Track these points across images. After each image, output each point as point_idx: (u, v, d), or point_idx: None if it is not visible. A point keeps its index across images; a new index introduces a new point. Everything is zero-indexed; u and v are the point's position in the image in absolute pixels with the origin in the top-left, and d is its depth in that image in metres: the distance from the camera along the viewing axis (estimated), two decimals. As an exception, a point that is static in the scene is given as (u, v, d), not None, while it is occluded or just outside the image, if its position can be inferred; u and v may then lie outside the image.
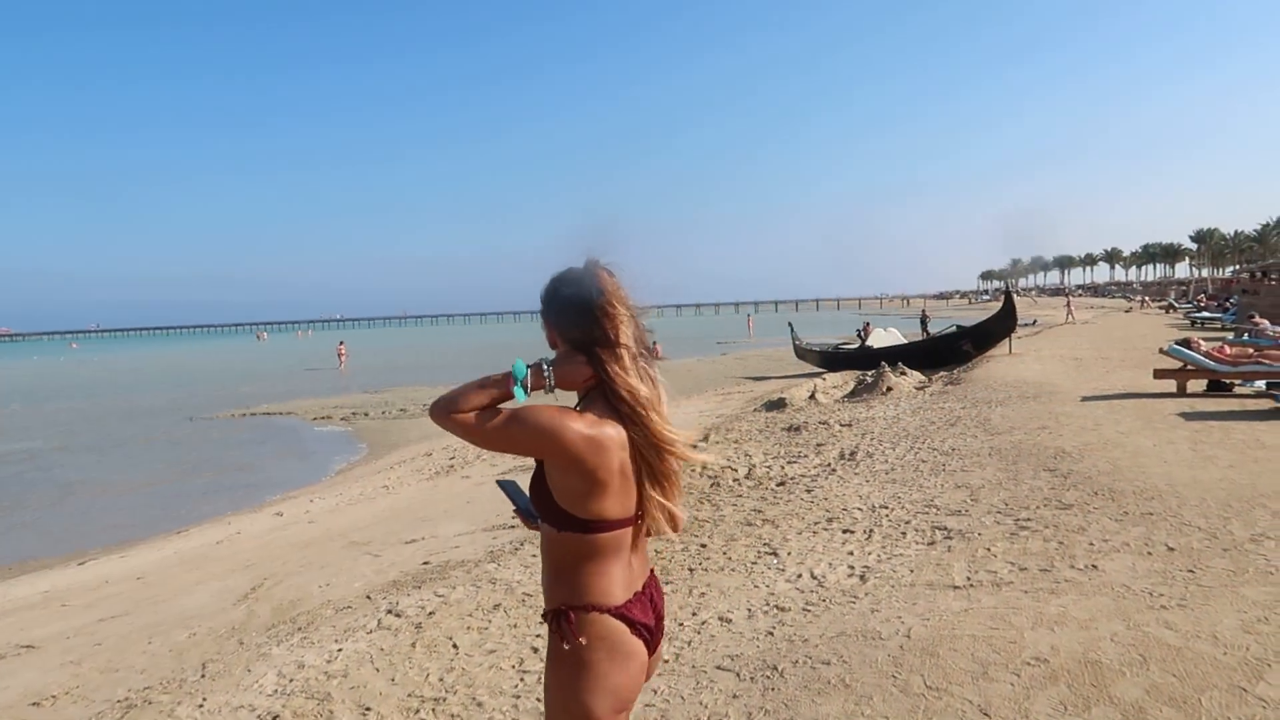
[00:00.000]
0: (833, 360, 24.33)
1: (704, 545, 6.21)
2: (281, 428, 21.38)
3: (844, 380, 18.07)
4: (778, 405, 14.79)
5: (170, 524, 11.67)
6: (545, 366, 1.91)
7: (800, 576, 5.30)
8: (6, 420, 25.85)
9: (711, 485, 8.32)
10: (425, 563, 6.80)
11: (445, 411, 1.85)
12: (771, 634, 4.30)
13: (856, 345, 26.62)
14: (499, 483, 2.21)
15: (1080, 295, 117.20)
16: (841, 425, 11.34)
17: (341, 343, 45.99)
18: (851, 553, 5.71)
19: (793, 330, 29.07)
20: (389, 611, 5.31)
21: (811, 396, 15.64)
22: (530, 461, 1.95)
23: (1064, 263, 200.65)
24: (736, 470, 8.93)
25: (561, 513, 1.87)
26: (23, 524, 12.45)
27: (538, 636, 4.65)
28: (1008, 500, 6.52)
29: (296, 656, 4.71)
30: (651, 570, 2.06)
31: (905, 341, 24.95)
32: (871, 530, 6.19)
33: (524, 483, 2.09)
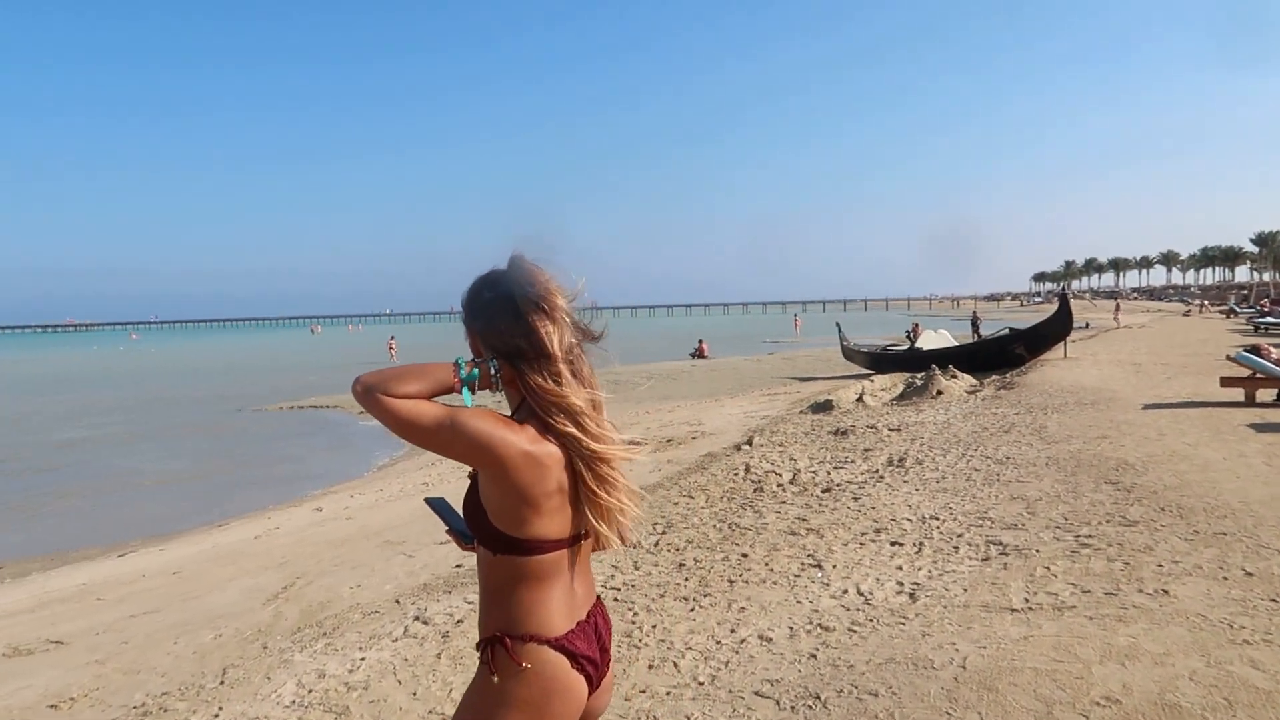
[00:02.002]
0: (881, 362, 23.85)
1: (745, 555, 5.95)
2: (328, 421, 21.48)
3: (892, 382, 17.64)
4: (824, 407, 14.45)
5: (211, 516, 11.70)
6: (493, 366, 1.72)
7: (846, 592, 5.02)
8: (62, 409, 26.37)
9: (755, 490, 8.06)
10: (458, 565, 6.63)
11: (372, 391, 1.63)
12: (814, 657, 4.04)
13: (905, 347, 26.08)
14: (427, 500, 2.00)
15: (1134, 299, 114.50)
16: (890, 430, 10.99)
17: (392, 337, 46.36)
18: (900, 567, 5.42)
19: (840, 330, 28.58)
20: (416, 618, 5.14)
21: (859, 399, 15.26)
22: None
23: (1119, 265, 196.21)
24: (780, 475, 8.65)
25: (497, 533, 1.68)
26: (69, 513, 12.58)
27: (567, 650, 4.44)
28: (1067, 514, 6.17)
29: (319, 664, 4.55)
30: (598, 597, 1.86)
31: (956, 344, 24.37)
32: (921, 543, 5.89)
33: (456, 500, 1.89)
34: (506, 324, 1.70)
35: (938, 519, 6.46)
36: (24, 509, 12.73)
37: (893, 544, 5.94)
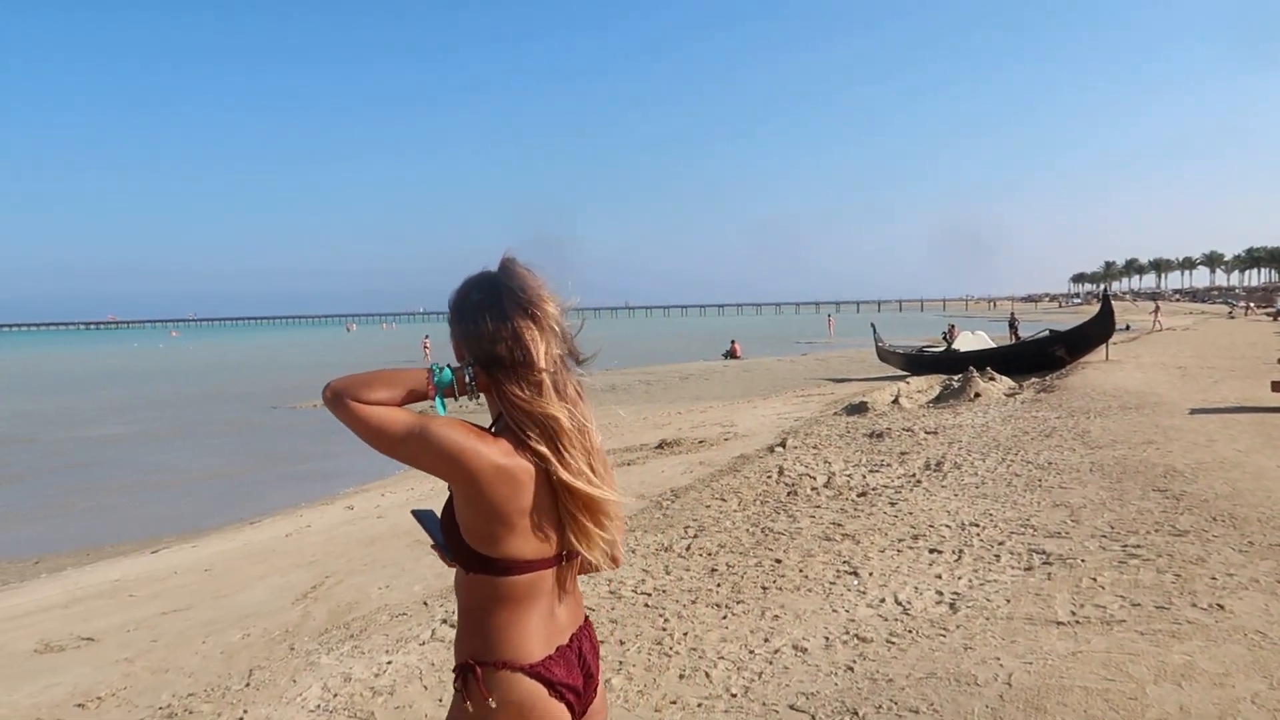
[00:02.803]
0: (917, 363, 23.53)
1: (779, 561, 5.82)
2: (361, 418, 21.54)
3: (929, 384, 17.39)
4: (859, 409, 14.24)
5: (245, 513, 11.74)
6: (468, 373, 1.62)
7: (883, 601, 4.87)
8: (104, 405, 26.75)
9: (789, 494, 7.91)
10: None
11: (341, 397, 1.56)
12: (851, 669, 3.90)
13: (942, 348, 25.72)
14: (414, 513, 1.91)
15: (1176, 300, 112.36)
16: (927, 433, 10.79)
17: (426, 336, 46.58)
18: (939, 576, 5.26)
19: (875, 331, 28.25)
20: (444, 621, 5.06)
21: (895, 401, 15.03)
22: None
23: (1161, 266, 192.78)
24: (815, 478, 8.49)
25: (470, 551, 1.59)
26: (106, 508, 12.69)
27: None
28: (1113, 523, 5.98)
29: (345, 668, 4.48)
30: (586, 619, 1.75)
31: (993, 345, 23.97)
32: (961, 551, 5.72)
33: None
34: (489, 328, 1.60)
35: (977, 526, 6.29)
36: (63, 504, 12.87)
37: (931, 551, 5.78)
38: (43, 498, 13.36)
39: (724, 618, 4.79)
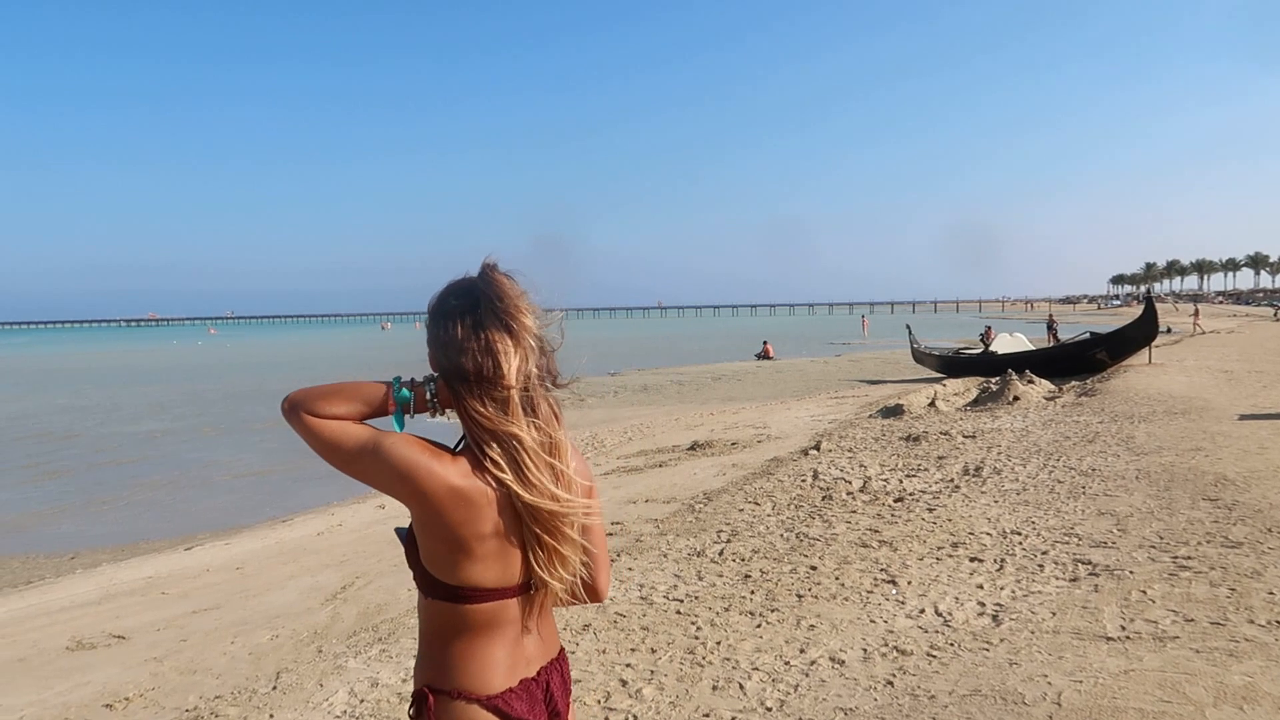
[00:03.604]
0: (953, 365, 23.18)
1: (814, 568, 5.68)
2: (394, 417, 21.63)
3: (966, 387, 17.12)
4: (895, 412, 14.03)
5: (278, 510, 11.79)
6: (429, 388, 1.52)
7: (923, 612, 4.73)
8: (146, 401, 27.09)
9: (823, 498, 7.76)
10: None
11: (296, 409, 1.49)
12: (891, 684, 3.77)
13: (979, 350, 25.34)
14: (397, 531, 1.82)
15: (1220, 302, 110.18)
16: (965, 436, 10.58)
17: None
18: (981, 586, 5.10)
19: (910, 333, 27.90)
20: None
21: (931, 403, 14.80)
22: None
23: (1203, 268, 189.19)
24: (850, 483, 8.34)
25: (427, 575, 1.50)
26: (144, 504, 12.82)
27: (628, 666, 4.24)
28: (1162, 533, 5.77)
29: (372, 672, 4.42)
30: (561, 653, 1.64)
31: (1032, 347, 23.56)
32: (1003, 560, 5.56)
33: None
34: (459, 337, 1.49)
35: (1019, 534, 6.12)
36: (102, 500, 13.00)
37: (971, 560, 5.62)
38: (83, 493, 13.52)
39: (758, 626, 4.66)
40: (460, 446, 1.52)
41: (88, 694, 4.67)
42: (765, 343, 37.68)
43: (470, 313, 1.50)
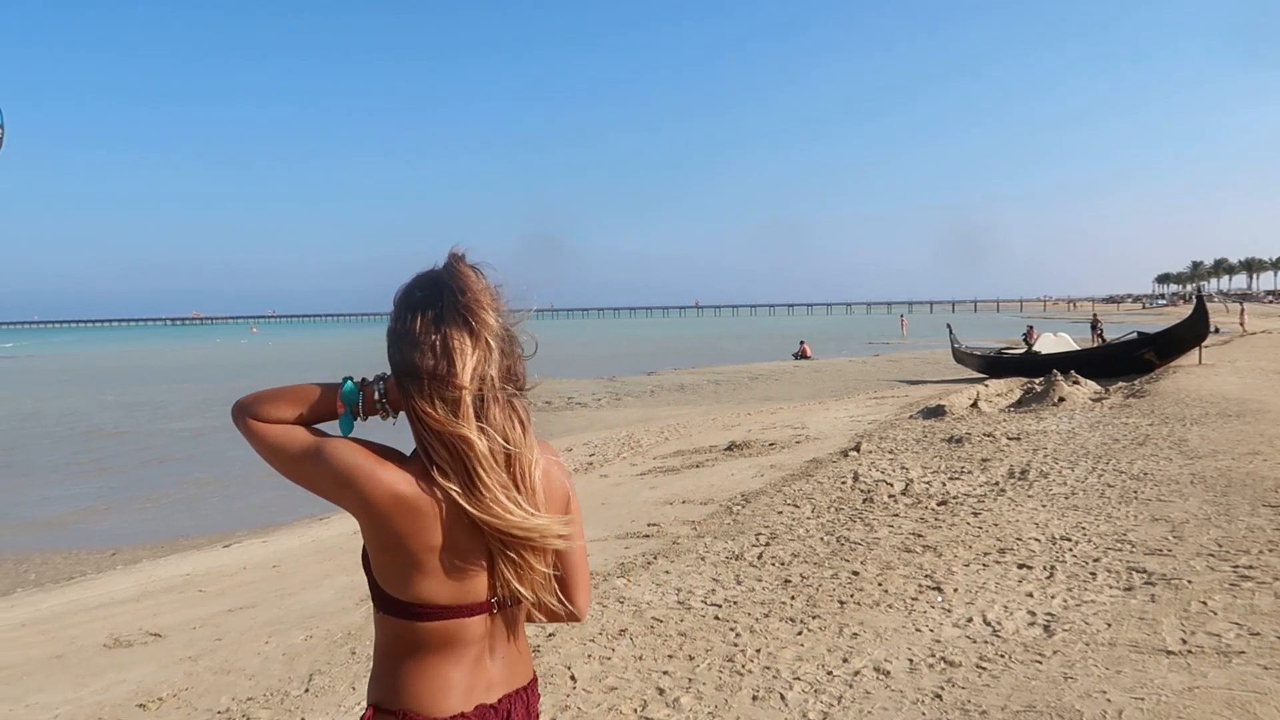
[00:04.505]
0: (995, 365, 22.78)
1: (856, 572, 5.54)
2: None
3: (1008, 388, 16.79)
4: (936, 413, 13.77)
5: (316, 509, 11.81)
6: (378, 388, 1.41)
7: (970, 621, 4.57)
8: (188, 398, 27.45)
9: (864, 501, 7.60)
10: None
11: (242, 414, 1.43)
12: (939, 697, 3.62)
13: (1021, 350, 24.89)
14: None
15: (1271, 302, 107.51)
16: (1009, 438, 10.34)
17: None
18: (1031, 594, 4.92)
19: (951, 332, 27.47)
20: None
21: (974, 404, 14.52)
22: None
23: (1253, 266, 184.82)
24: (892, 485, 8.16)
25: (378, 589, 1.41)
26: (187, 501, 12.94)
27: (665, 674, 4.13)
28: (1221, 541, 5.55)
29: (405, 675, 4.36)
30: (533, 681, 1.52)
31: (1077, 347, 23.09)
32: (1053, 567, 5.37)
33: None
34: (415, 331, 1.38)
35: (1069, 540, 5.92)
36: (145, 497, 13.13)
37: (1020, 567, 5.44)
38: (127, 490, 13.68)
39: (799, 634, 4.53)
40: (413, 453, 1.42)
41: (122, 693, 4.65)
42: (802, 342, 37.37)
43: (433, 306, 1.39)
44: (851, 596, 5.09)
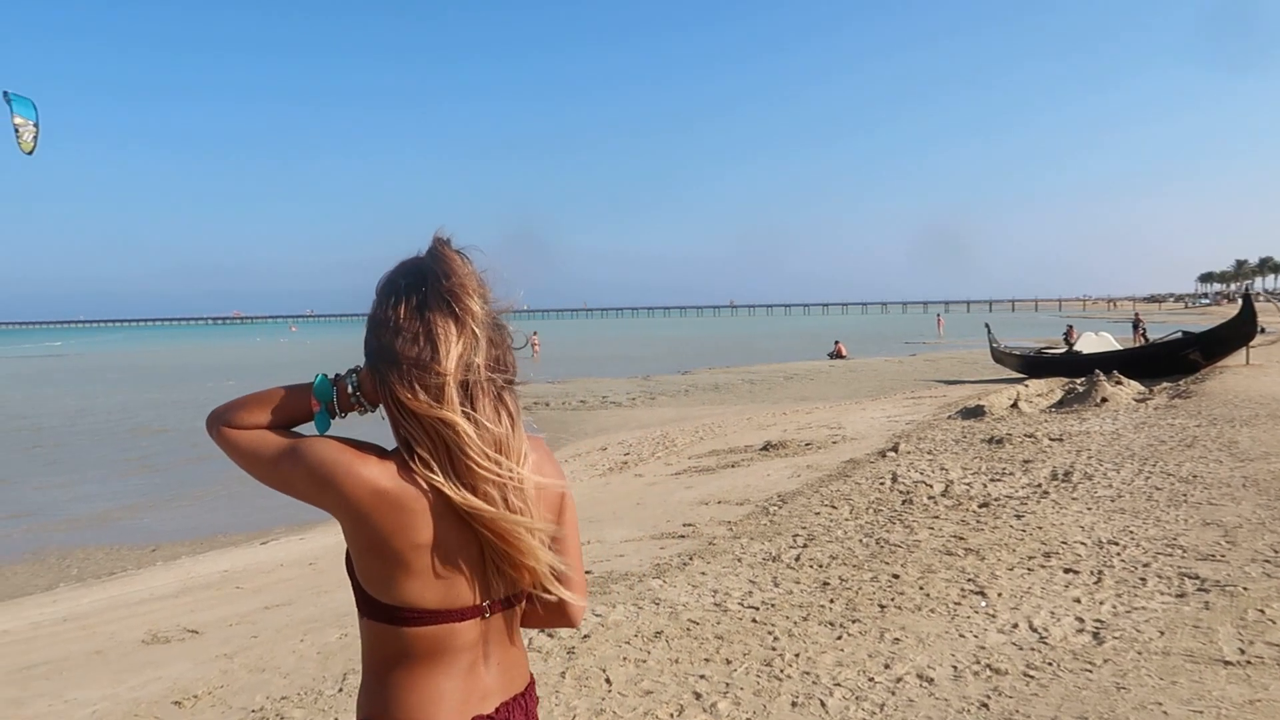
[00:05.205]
0: (1036, 365, 22.39)
1: (896, 576, 5.42)
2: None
3: (1049, 388, 16.48)
4: (975, 413, 13.55)
5: (352, 506, 11.89)
6: (351, 380, 1.35)
7: (1016, 627, 4.45)
8: (225, 396, 27.57)
9: (903, 502, 7.47)
10: (587, 572, 6.35)
11: (215, 423, 1.38)
12: (986, 706, 3.51)
13: (1062, 349, 24.47)
14: None
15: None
16: (1051, 439, 10.13)
17: (535, 333, 47.12)
18: (1078, 600, 4.79)
19: (990, 331, 27.07)
20: (541, 630, 4.86)
21: (1014, 405, 14.28)
22: None
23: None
24: (931, 486, 8.02)
25: (362, 593, 1.33)
26: (225, 497, 13.03)
27: (701, 678, 4.06)
28: (1276, 546, 5.37)
29: (439, 676, 4.33)
30: (530, 686, 1.45)
31: (1119, 347, 22.65)
32: (1100, 572, 5.22)
33: None
34: (397, 316, 1.31)
35: (1117, 544, 5.76)
36: (187, 494, 13.27)
37: (1066, 571, 5.30)
38: (168, 487, 13.84)
39: (839, 638, 4.44)
40: (396, 448, 1.34)
41: (158, 690, 4.67)
42: (837, 342, 37.07)
43: (416, 292, 1.32)
44: (892, 600, 4.98)
